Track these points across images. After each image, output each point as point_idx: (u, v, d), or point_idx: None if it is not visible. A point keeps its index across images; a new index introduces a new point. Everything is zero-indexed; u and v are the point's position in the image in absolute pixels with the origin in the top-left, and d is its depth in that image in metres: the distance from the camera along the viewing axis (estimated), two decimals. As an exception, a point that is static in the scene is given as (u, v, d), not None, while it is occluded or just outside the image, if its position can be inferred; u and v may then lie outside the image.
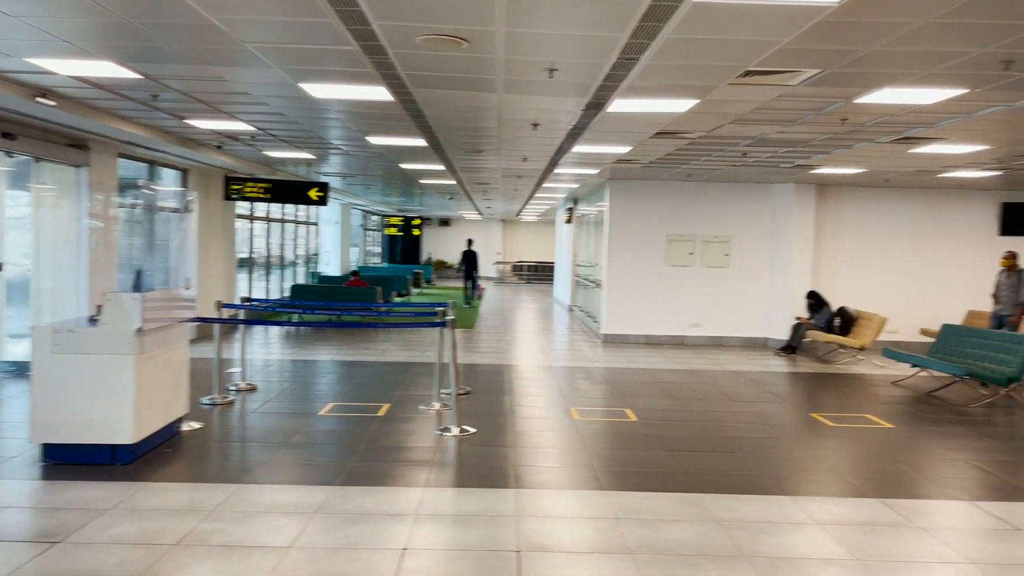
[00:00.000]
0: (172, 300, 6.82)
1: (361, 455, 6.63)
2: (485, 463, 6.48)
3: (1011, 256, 11.93)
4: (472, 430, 7.54)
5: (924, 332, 14.19)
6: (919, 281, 14.98)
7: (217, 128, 9.57)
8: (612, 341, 14.96)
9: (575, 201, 21.19)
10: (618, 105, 6.93)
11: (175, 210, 7.36)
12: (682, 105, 6.89)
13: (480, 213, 31.45)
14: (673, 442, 7.37)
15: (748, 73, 5.66)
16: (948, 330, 11.02)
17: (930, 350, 11.05)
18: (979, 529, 5.26)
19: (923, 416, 8.87)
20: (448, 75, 6.10)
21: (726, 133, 8.71)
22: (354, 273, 18.90)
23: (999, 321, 11.85)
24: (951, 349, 10.72)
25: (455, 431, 7.42)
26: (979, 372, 9.61)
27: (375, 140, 10.16)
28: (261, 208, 17.95)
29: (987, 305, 14.80)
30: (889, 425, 8.37)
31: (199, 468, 6.22)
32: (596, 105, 7.01)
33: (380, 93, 6.90)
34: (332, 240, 26.16)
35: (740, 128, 8.32)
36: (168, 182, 12.74)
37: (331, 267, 26.00)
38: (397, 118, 8.24)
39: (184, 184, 13.02)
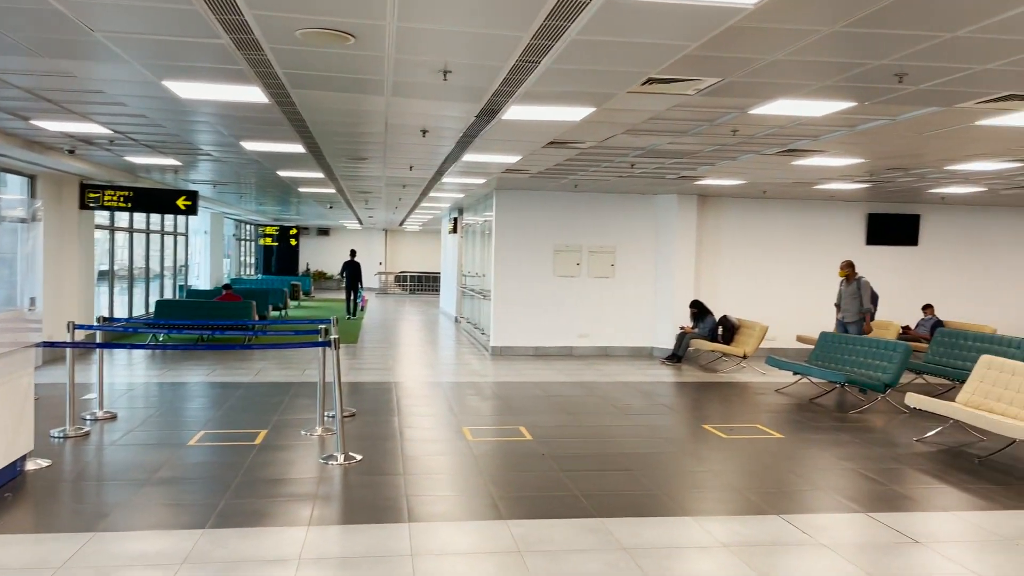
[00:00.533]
0: (13, 321, 6.01)
1: (236, 491, 6.02)
2: (374, 494, 6.01)
3: (847, 266, 12.11)
4: (359, 457, 7.04)
5: (800, 339, 14.63)
6: (795, 289, 15.46)
7: (68, 131, 8.67)
8: (501, 354, 14.68)
9: (460, 211, 20.85)
10: (514, 112, 6.63)
11: (20, 220, 6.52)
12: (579, 113, 6.67)
13: (361, 222, 30.65)
14: (570, 461, 7.11)
15: (650, 81, 5.47)
16: (825, 338, 11.33)
17: (809, 357, 11.33)
18: (881, 544, 5.23)
19: (809, 424, 9.00)
20: (331, 75, 5.63)
21: (618, 144, 8.58)
22: (226, 286, 17.85)
23: (843, 329, 12.12)
24: (829, 356, 11.01)
25: (340, 459, 6.90)
26: (858, 379, 9.87)
27: (250, 146, 9.48)
28: (123, 218, 16.68)
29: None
30: (779, 435, 8.43)
31: (46, 515, 5.46)
32: (490, 112, 6.69)
33: (255, 94, 6.33)
34: (202, 251, 24.79)
35: (632, 139, 8.20)
36: (14, 189, 11.56)
37: (202, 280, 24.62)
38: (274, 122, 7.66)
39: (32, 192, 11.84)
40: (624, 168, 10.83)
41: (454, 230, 21.79)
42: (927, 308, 14.80)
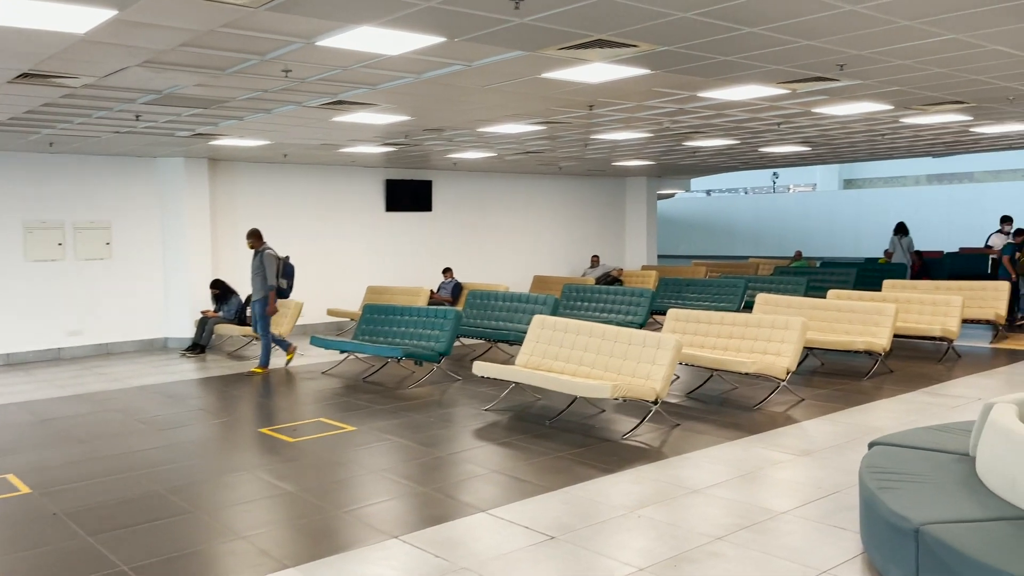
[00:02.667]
0: None
1: None
2: None
3: (252, 236, 10.28)
4: None
5: (332, 312, 13.80)
6: (321, 260, 14.54)
7: None
8: (-45, 368, 11.02)
9: None
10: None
11: None
12: (88, 19, 4.61)
13: None
14: (99, 516, 5.11)
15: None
16: (371, 310, 10.61)
17: (356, 332, 10.51)
18: (520, 546, 4.51)
19: (376, 409, 8.13)
20: None
21: (127, 82, 6.51)
22: None
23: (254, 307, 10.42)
24: (378, 330, 10.31)
25: None
26: (414, 352, 9.32)
27: None
28: None
29: (385, 278, 15.20)
30: (351, 427, 7.40)
31: None
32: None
33: None
34: None
35: (150, 75, 6.24)
36: None
37: None
38: None
39: None
40: (127, 120, 8.57)
41: None
42: (447, 272, 15.15)
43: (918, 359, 10.58)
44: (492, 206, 17.09)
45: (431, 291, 14.22)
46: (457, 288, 14.70)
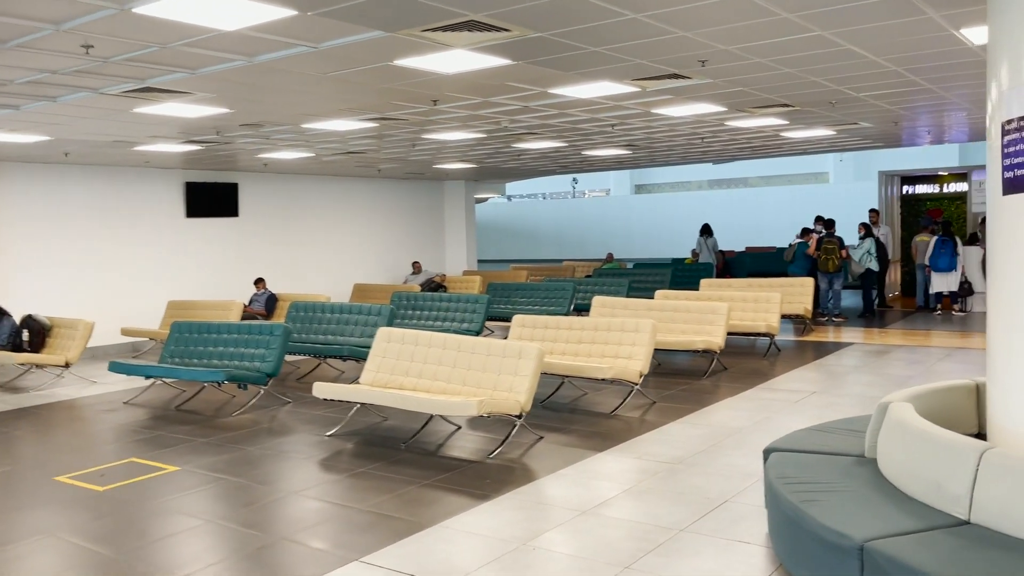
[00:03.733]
0: None
1: None
2: None
3: None
4: None
5: (127, 332, 12.23)
6: (112, 274, 12.86)
7: None
8: None
9: None
10: None
11: None
12: None
13: None
14: None
15: None
16: (181, 328, 9.37)
17: (164, 354, 9.24)
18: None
19: (198, 443, 7.09)
20: None
21: None
22: None
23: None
24: (190, 350, 9.12)
25: None
26: (239, 374, 8.29)
27: None
28: None
29: (189, 291, 13.72)
30: (171, 467, 6.35)
31: None
32: None
33: None
34: None
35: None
36: None
37: None
38: None
39: None
40: None
41: None
42: (259, 282, 13.93)
43: (743, 355, 10.94)
44: (306, 211, 16.02)
45: (243, 304, 13.00)
46: (272, 300, 13.55)
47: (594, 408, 8.01)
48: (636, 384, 7.89)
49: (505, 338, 8.19)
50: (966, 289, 14.13)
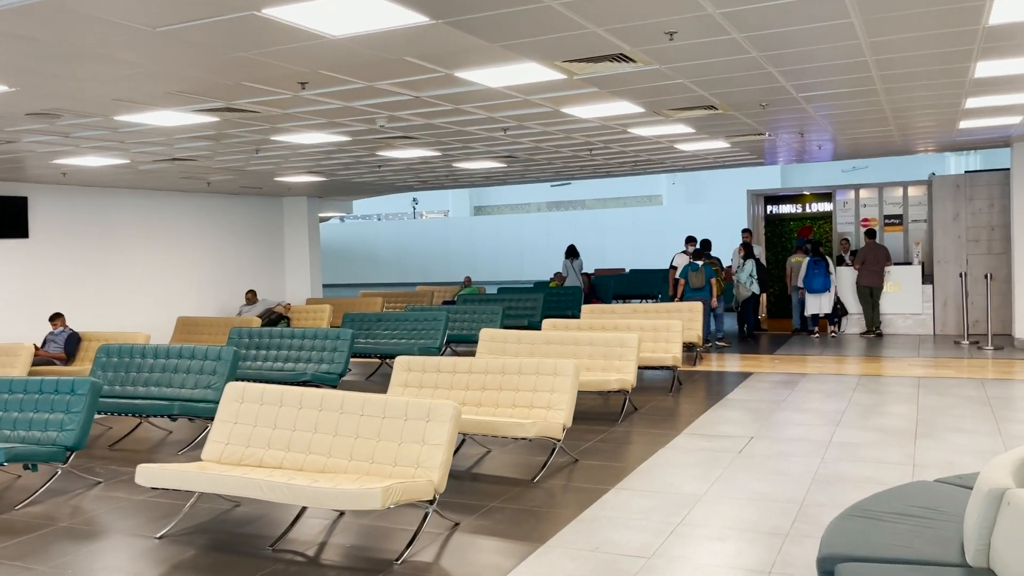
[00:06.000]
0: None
1: None
2: None
3: None
4: None
5: None
6: None
7: None
8: None
9: None
10: None
11: None
12: None
13: None
14: None
15: None
16: (-60, 387, 6.91)
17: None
18: None
19: (-37, 563, 4.87)
20: None
21: None
22: None
23: None
24: (-46, 417, 6.69)
25: None
26: (26, 451, 6.03)
27: None
28: None
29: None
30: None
31: None
32: None
33: None
34: None
35: None
36: None
37: None
38: None
39: None
40: None
41: None
42: (56, 319, 11.28)
43: (644, 390, 9.77)
44: (116, 230, 13.41)
45: (35, 346, 10.37)
46: (73, 340, 10.97)
47: (506, 473, 6.44)
48: (558, 441, 6.41)
49: (386, 385, 6.49)
50: (840, 310, 13.81)
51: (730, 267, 14.08)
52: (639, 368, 9.85)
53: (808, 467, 6.24)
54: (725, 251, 13.77)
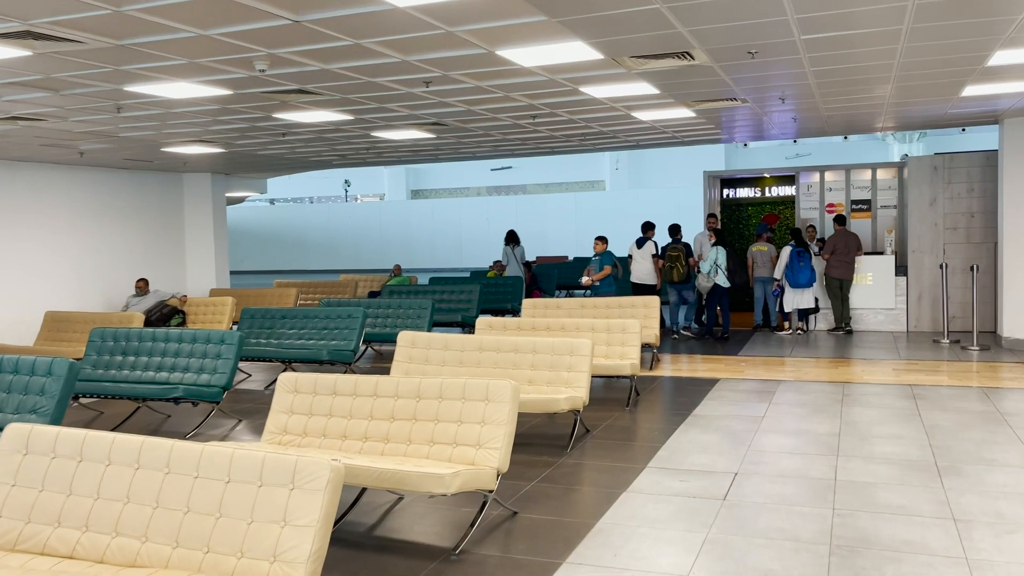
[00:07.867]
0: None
1: None
2: None
3: None
4: None
5: None
6: None
7: None
8: None
9: None
10: None
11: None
12: None
13: None
14: None
15: None
16: None
17: None
18: None
19: None
20: None
21: None
22: None
23: None
24: None
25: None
26: None
27: None
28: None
29: None
30: None
31: None
32: None
33: None
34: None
35: None
36: None
37: None
38: None
39: None
40: None
41: None
42: None
43: (596, 401, 8.21)
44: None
45: None
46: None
47: (420, 538, 4.77)
48: (491, 492, 4.76)
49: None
50: (814, 306, 12.44)
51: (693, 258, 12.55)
52: (596, 377, 8.34)
53: (820, 523, 4.73)
54: (666, 238, 12.24)
